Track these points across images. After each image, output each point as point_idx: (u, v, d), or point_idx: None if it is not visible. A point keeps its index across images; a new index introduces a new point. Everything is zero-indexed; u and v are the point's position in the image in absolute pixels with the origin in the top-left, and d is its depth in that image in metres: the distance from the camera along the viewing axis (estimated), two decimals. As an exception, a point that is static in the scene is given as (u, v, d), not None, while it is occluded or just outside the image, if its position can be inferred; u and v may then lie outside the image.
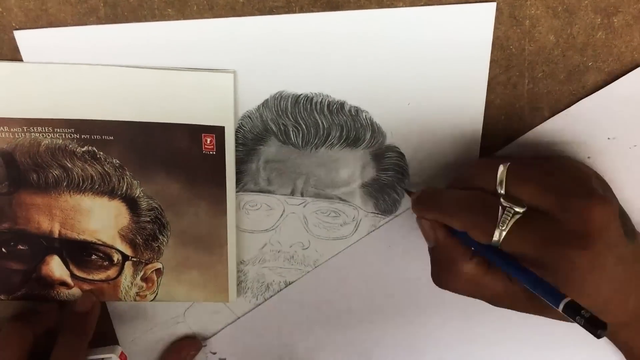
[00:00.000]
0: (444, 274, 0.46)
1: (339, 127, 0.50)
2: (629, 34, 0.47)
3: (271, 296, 0.59)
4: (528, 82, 0.49)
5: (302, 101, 0.49)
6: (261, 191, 0.53)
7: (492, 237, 0.41)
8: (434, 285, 0.48)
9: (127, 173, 0.51)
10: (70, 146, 0.49)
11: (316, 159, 0.52)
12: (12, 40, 0.45)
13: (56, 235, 0.53)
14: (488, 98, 0.49)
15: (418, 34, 0.46)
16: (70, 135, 0.49)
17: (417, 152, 0.52)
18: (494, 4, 0.45)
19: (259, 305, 0.60)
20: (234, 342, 0.63)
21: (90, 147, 0.49)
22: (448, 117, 0.50)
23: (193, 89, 0.47)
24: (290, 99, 0.49)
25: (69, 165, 0.50)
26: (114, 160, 0.50)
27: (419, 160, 0.52)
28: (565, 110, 0.50)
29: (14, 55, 0.45)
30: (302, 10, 0.45)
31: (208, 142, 0.49)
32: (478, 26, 0.46)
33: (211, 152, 0.50)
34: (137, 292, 0.57)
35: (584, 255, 0.38)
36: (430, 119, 0.50)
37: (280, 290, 0.59)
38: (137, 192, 0.52)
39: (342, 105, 0.49)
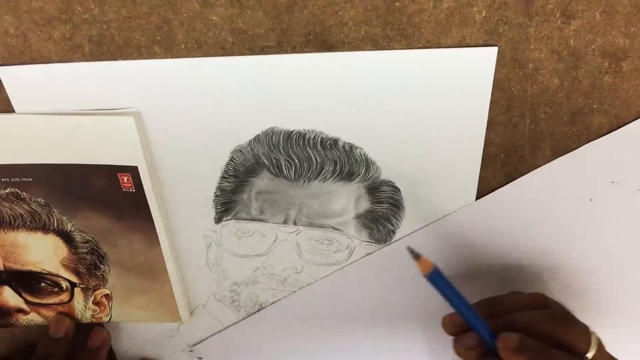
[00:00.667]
0: None
1: (333, 162, 0.49)
2: (637, 78, 0.45)
3: (260, 309, 0.59)
4: (530, 123, 0.47)
5: (294, 137, 0.48)
6: (253, 220, 0.52)
7: None
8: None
9: (54, 210, 0.51)
10: None
11: (309, 191, 0.50)
12: (-4, 75, 0.44)
13: (2, 268, 0.54)
14: (488, 136, 0.48)
15: (416, 76, 0.45)
16: None
17: (413, 186, 0.51)
18: (495, 49, 0.43)
19: (249, 316, 0.59)
20: (221, 349, 0.63)
21: (12, 189, 0.50)
22: (445, 155, 0.49)
23: (99, 132, 0.46)
24: (282, 135, 0.47)
25: None
26: (39, 199, 0.50)
27: (415, 195, 0.51)
28: (570, 153, 0.49)
29: (-3, 90, 0.44)
30: (294, 50, 0.43)
31: (125, 180, 0.49)
32: (478, 69, 0.44)
33: (131, 190, 0.49)
34: (92, 315, 0.58)
35: None
36: (427, 156, 0.49)
37: (272, 303, 0.58)
38: (69, 226, 0.52)
39: (335, 141, 0.48)
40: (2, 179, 0.49)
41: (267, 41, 0.43)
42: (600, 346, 0.44)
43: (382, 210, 0.52)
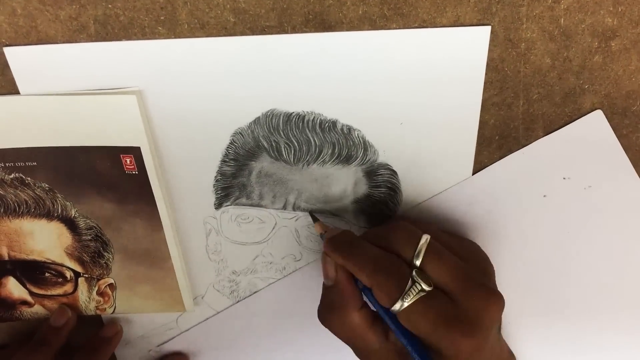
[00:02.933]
0: (330, 315, 0.47)
1: (331, 145, 0.50)
2: (626, 58, 0.47)
3: (252, 293, 0.59)
4: (523, 104, 0.48)
5: (294, 119, 0.48)
6: (253, 205, 0.53)
7: (394, 304, 0.42)
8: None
9: (59, 195, 0.51)
10: None
11: (308, 175, 0.51)
12: (2, 55, 0.44)
13: (6, 257, 0.54)
14: (482, 118, 0.49)
15: (412, 56, 0.46)
16: None
17: (410, 170, 0.51)
18: (488, 27, 0.45)
19: (238, 302, 0.60)
20: (208, 336, 0.63)
21: (17, 174, 0.50)
22: (441, 136, 0.50)
23: (102, 112, 0.47)
24: (281, 117, 0.48)
25: (2, 193, 0.51)
26: (43, 184, 0.51)
27: (411, 178, 0.52)
28: (522, 148, 0.51)
29: (4, 70, 0.45)
30: (294, 30, 0.44)
31: (128, 162, 0.49)
32: (472, 49, 0.46)
33: (133, 172, 0.50)
34: (96, 306, 0.58)
35: (470, 343, 0.41)
36: (423, 138, 0.50)
37: (262, 288, 0.59)
38: (73, 212, 0.52)
39: (334, 123, 0.49)
40: (7, 164, 0.49)
41: (268, 21, 0.44)
42: (432, 252, 0.43)
43: (380, 195, 0.53)
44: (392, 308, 0.42)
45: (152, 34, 0.44)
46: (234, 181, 0.52)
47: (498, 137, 0.50)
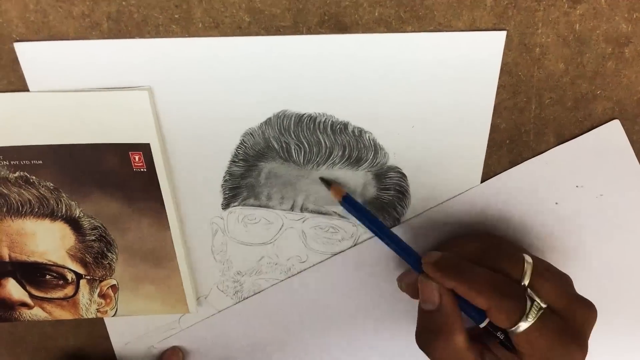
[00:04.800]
0: (435, 341, 0.46)
1: (342, 147, 0.49)
2: (639, 65, 0.46)
3: (255, 293, 0.59)
4: (535, 108, 0.48)
5: (305, 120, 0.48)
6: (260, 206, 0.53)
7: (513, 325, 0.43)
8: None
9: (63, 195, 0.51)
10: (2, 173, 0.49)
11: (317, 177, 0.51)
12: (12, 51, 0.44)
13: (7, 258, 0.53)
14: (494, 122, 0.49)
15: (426, 59, 0.46)
16: (0, 163, 0.49)
17: (419, 173, 0.51)
18: (504, 32, 0.44)
19: (240, 301, 0.60)
20: (210, 335, 0.63)
21: (21, 173, 0.49)
22: (452, 140, 0.50)
23: (112, 108, 0.46)
24: (293, 118, 0.48)
25: (5, 192, 0.50)
26: (48, 183, 0.50)
27: (420, 181, 0.52)
28: (538, 156, 0.51)
29: (13, 66, 0.44)
30: (309, 31, 0.44)
31: (137, 159, 0.49)
32: (487, 53, 0.46)
33: (142, 170, 0.49)
34: (97, 309, 0.57)
35: (584, 355, 0.43)
36: (433, 141, 0.50)
37: (267, 288, 0.59)
38: (77, 212, 0.52)
39: (345, 125, 0.48)
40: (12, 162, 0.49)
41: (283, 21, 0.44)
42: (538, 270, 0.45)
43: (388, 198, 0.53)
44: (513, 329, 0.43)
45: (166, 32, 0.43)
46: (242, 182, 0.51)
47: (509, 141, 0.50)
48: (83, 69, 0.45)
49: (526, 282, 0.44)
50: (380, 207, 0.53)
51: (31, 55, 0.44)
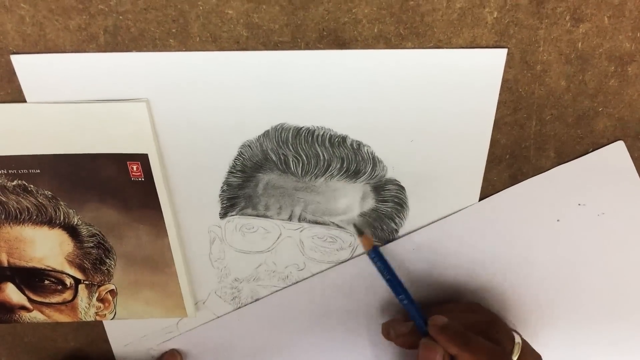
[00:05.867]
0: None
1: (340, 159, 0.49)
2: (642, 83, 0.46)
3: (255, 300, 0.59)
4: (535, 124, 0.48)
5: (303, 133, 0.48)
6: (258, 216, 0.53)
7: None
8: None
9: (61, 203, 0.51)
10: (0, 181, 0.49)
11: (315, 188, 0.51)
12: (9, 63, 0.44)
13: (5, 264, 0.53)
14: (494, 137, 0.48)
15: (426, 76, 0.45)
16: None
17: (418, 185, 0.51)
18: (504, 50, 0.44)
19: (239, 308, 0.60)
20: (208, 339, 0.63)
21: (19, 181, 0.49)
22: (451, 154, 0.49)
23: (110, 119, 0.46)
24: (291, 131, 0.48)
25: (4, 199, 0.50)
26: (46, 191, 0.50)
27: (419, 194, 0.51)
28: (542, 174, 0.51)
29: (10, 78, 0.44)
30: (308, 46, 0.44)
31: (134, 169, 0.49)
32: (488, 70, 0.45)
33: (140, 179, 0.49)
34: (95, 312, 0.58)
35: None
36: (433, 156, 0.49)
37: (267, 295, 0.59)
38: (75, 220, 0.52)
39: (343, 139, 0.48)
40: (10, 171, 0.49)
41: (282, 36, 0.43)
42: (524, 351, 0.50)
43: (387, 209, 0.52)
44: None
45: (163, 46, 0.43)
46: (240, 192, 0.51)
47: (509, 157, 0.49)
48: (80, 82, 0.45)
49: (515, 357, 0.49)
50: (378, 218, 0.53)
51: (28, 67, 0.44)
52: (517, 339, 0.50)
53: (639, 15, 0.43)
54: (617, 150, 0.49)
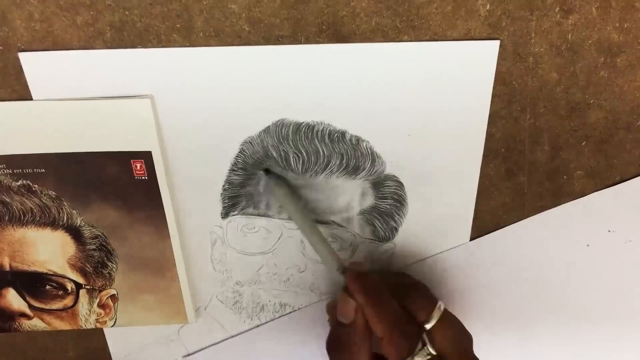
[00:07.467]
0: (341, 353, 0.48)
1: (339, 156, 0.50)
2: (632, 74, 0.48)
3: (267, 321, 0.59)
4: (529, 117, 0.49)
5: (303, 129, 0.49)
6: (259, 215, 0.53)
7: None
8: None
9: (65, 203, 0.51)
10: (5, 181, 0.50)
11: (315, 185, 0.52)
12: (17, 60, 0.45)
13: (7, 268, 0.54)
14: (489, 131, 0.49)
15: (422, 68, 0.46)
16: (3, 171, 0.50)
17: (416, 181, 0.52)
18: (497, 42, 0.45)
19: (253, 328, 0.60)
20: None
21: (24, 181, 0.50)
22: (448, 148, 0.50)
23: (114, 116, 0.47)
24: (291, 127, 0.49)
25: (8, 200, 0.51)
26: (50, 192, 0.51)
27: (417, 189, 0.52)
28: (574, 200, 0.54)
29: (18, 75, 0.45)
30: (307, 40, 0.45)
31: (138, 167, 0.50)
32: (481, 62, 0.46)
33: (143, 177, 0.50)
34: (96, 319, 0.58)
35: None
36: (430, 150, 0.50)
37: (276, 312, 0.59)
38: (78, 221, 0.52)
39: (343, 134, 0.49)
40: (15, 170, 0.49)
41: (283, 31, 0.45)
42: (444, 320, 0.47)
43: (386, 207, 0.53)
44: None
45: (167, 41, 0.44)
46: (241, 190, 0.52)
47: (504, 150, 0.50)
48: (86, 78, 0.46)
49: (428, 326, 0.46)
50: (378, 216, 0.54)
51: (35, 64, 0.45)
52: (440, 306, 0.47)
53: (625, 6, 0.45)
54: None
